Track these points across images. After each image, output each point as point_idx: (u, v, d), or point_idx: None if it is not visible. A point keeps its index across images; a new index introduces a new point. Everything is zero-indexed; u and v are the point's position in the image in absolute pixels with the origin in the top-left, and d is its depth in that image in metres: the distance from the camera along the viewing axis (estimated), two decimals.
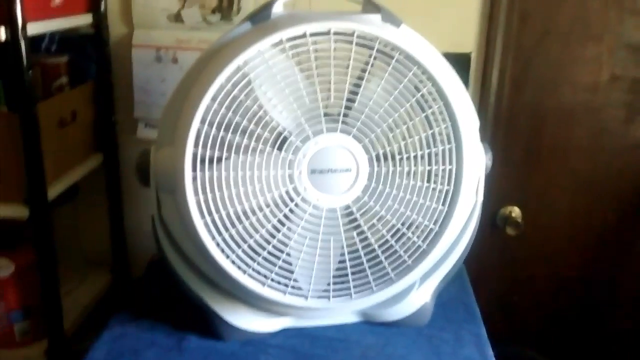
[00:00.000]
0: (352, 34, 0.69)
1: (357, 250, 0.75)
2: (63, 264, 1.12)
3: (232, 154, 0.69)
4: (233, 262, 0.72)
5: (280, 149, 0.71)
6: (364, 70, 0.71)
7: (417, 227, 0.75)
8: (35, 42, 1.15)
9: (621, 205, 1.27)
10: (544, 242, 1.32)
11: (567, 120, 1.23)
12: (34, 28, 0.97)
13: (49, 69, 1.16)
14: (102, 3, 1.20)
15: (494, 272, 1.34)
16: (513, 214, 1.30)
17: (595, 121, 1.23)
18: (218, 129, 0.68)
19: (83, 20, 1.17)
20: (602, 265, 1.32)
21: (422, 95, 0.71)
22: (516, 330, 1.38)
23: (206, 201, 0.69)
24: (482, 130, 0.78)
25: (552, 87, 1.22)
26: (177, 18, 1.22)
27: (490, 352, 0.82)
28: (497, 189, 1.25)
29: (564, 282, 1.34)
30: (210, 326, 0.82)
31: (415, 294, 0.83)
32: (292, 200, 0.72)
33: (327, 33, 0.69)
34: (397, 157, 0.73)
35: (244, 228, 0.71)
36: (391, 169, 0.73)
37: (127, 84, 1.26)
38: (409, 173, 0.73)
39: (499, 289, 1.35)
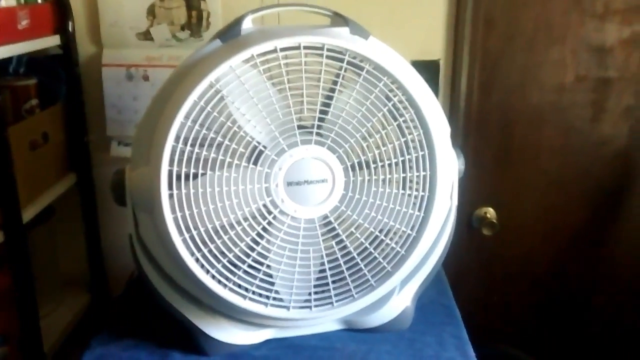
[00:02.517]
0: (322, 48, 0.70)
1: (336, 259, 0.75)
2: (40, 286, 1.11)
3: (208, 170, 0.69)
4: (213, 276, 0.72)
5: (255, 163, 0.71)
6: (335, 83, 0.72)
7: (394, 234, 0.76)
8: (3, 65, 1.14)
9: (592, 201, 1.31)
10: (519, 241, 1.35)
11: (536, 121, 1.26)
12: (1, 52, 0.97)
13: (18, 92, 1.15)
14: (70, 24, 1.19)
15: (472, 273, 1.36)
16: (488, 215, 1.32)
17: (563, 121, 1.26)
18: (193, 145, 0.68)
19: (51, 41, 1.17)
20: (576, 260, 1.35)
21: (394, 105, 0.72)
22: (497, 330, 1.40)
23: (184, 218, 0.69)
24: (454, 135, 0.80)
25: (520, 89, 1.25)
26: (147, 36, 1.22)
27: (472, 353, 0.83)
28: (472, 191, 1.27)
29: (541, 279, 1.37)
30: (193, 342, 0.82)
31: (395, 299, 0.84)
32: (270, 213, 0.72)
33: (298, 47, 0.69)
34: (372, 166, 0.74)
35: (223, 243, 0.71)
36: (367, 177, 0.74)
37: (99, 103, 1.26)
38: (384, 181, 0.74)
39: (478, 290, 1.37)
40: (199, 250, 0.71)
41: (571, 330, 1.40)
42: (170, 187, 0.68)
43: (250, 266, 0.73)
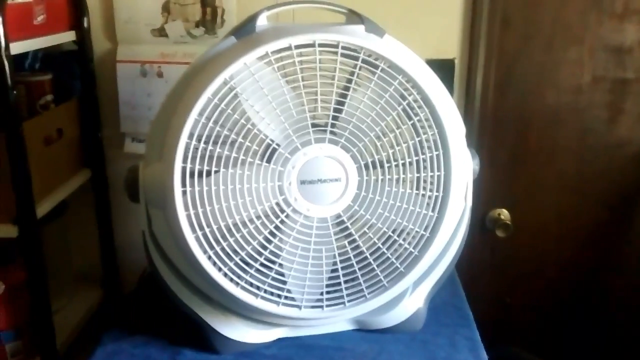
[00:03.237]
0: (336, 45, 0.69)
1: (349, 259, 0.75)
2: (53, 281, 1.11)
3: (222, 168, 0.69)
4: (225, 274, 0.72)
5: (269, 161, 0.71)
6: (349, 81, 0.71)
7: (408, 234, 0.75)
8: (18, 60, 1.15)
9: (607, 204, 1.29)
10: (534, 243, 1.33)
11: (552, 122, 1.25)
12: (17, 47, 0.97)
13: (33, 87, 1.16)
14: (85, 20, 1.20)
15: (485, 274, 1.35)
16: (502, 217, 1.31)
17: (579, 122, 1.24)
18: (206, 143, 0.68)
19: (66, 37, 1.17)
20: (592, 264, 1.33)
21: (408, 104, 0.72)
22: (510, 332, 1.39)
23: (197, 215, 0.69)
24: (469, 135, 0.79)
25: (536, 90, 1.23)
26: (161, 32, 1.22)
27: (484, 356, 0.82)
28: (486, 192, 1.26)
29: (554, 281, 1.36)
30: (204, 339, 0.82)
31: (408, 299, 0.84)
32: (282, 211, 0.72)
33: (312, 45, 0.69)
34: (386, 165, 0.73)
35: (236, 241, 0.71)
36: (380, 177, 0.73)
37: (113, 99, 1.26)
38: (398, 180, 0.74)
39: (491, 292, 1.36)
40: (212, 248, 0.71)
41: (583, 333, 1.38)
42: (183, 184, 0.68)
43: (262, 264, 0.73)
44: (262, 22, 0.76)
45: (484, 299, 1.33)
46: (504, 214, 1.32)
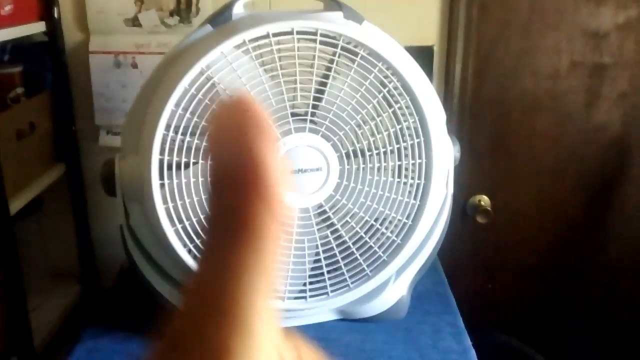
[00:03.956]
0: (315, 33, 0.68)
1: (331, 249, 0.74)
2: (30, 279, 1.09)
3: (200, 159, 0.68)
4: None
5: None
6: (329, 69, 0.70)
7: (390, 222, 0.75)
8: None
9: (586, 187, 1.30)
10: (514, 228, 1.34)
11: (531, 108, 1.25)
12: None
13: (2, 80, 1.12)
14: (55, 10, 1.16)
15: (467, 261, 1.36)
16: (482, 203, 1.32)
17: (558, 107, 1.25)
18: (184, 134, 0.67)
19: (36, 28, 1.14)
20: (571, 247, 1.35)
21: (389, 91, 0.71)
22: (493, 318, 1.40)
23: (176, 208, 0.68)
24: (448, 122, 0.79)
25: (515, 76, 1.23)
26: (135, 22, 1.19)
27: (468, 342, 0.83)
28: (466, 178, 1.26)
29: (536, 267, 1.37)
30: None
31: (391, 288, 0.83)
32: None
33: (290, 32, 0.68)
34: (367, 154, 0.72)
35: None
36: (361, 165, 0.73)
37: (86, 91, 1.23)
38: (379, 169, 0.73)
39: (473, 278, 1.37)
40: (192, 241, 0.69)
41: (566, 317, 1.40)
42: (161, 176, 0.67)
43: None
44: (238, 10, 0.74)
45: (467, 286, 1.34)
46: (484, 200, 1.32)
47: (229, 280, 0.19)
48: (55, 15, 1.17)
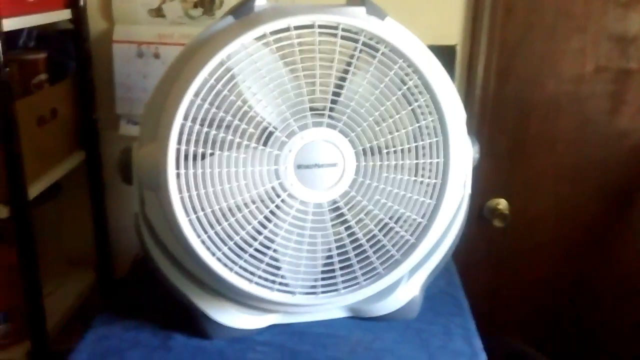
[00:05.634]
0: (336, 27, 0.68)
1: (344, 245, 0.74)
2: (45, 264, 1.10)
3: (217, 150, 0.68)
4: (219, 259, 0.71)
5: (265, 144, 0.69)
6: (349, 64, 0.70)
7: (405, 221, 0.74)
8: (11, 38, 1.12)
9: (606, 196, 1.28)
10: (532, 233, 1.33)
11: (553, 111, 1.24)
12: (10, 24, 0.95)
13: (27, 66, 1.14)
14: None
15: (481, 264, 1.35)
16: (500, 206, 1.30)
17: (580, 112, 1.23)
18: (202, 124, 0.67)
19: (61, 15, 1.15)
20: (588, 255, 1.33)
21: (409, 88, 0.70)
22: (505, 322, 1.38)
23: (191, 198, 0.68)
24: (469, 122, 0.78)
25: (537, 79, 1.22)
26: (158, 13, 1.20)
27: (479, 345, 0.82)
28: (484, 181, 1.25)
29: (552, 273, 1.35)
30: (196, 324, 0.81)
31: (403, 287, 0.83)
32: (278, 196, 0.71)
33: (312, 26, 0.67)
34: (384, 151, 0.72)
35: (230, 225, 0.70)
36: (378, 163, 0.72)
37: (108, 80, 1.24)
38: (396, 167, 0.72)
39: (487, 281, 1.36)
40: (205, 232, 0.69)
41: (579, 325, 1.38)
42: (177, 166, 0.67)
43: (256, 250, 0.71)
44: (260, 2, 0.74)
45: (480, 289, 1.33)
46: (502, 203, 1.31)
47: None
48: (81, 3, 1.18)
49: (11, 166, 0.97)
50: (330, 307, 0.83)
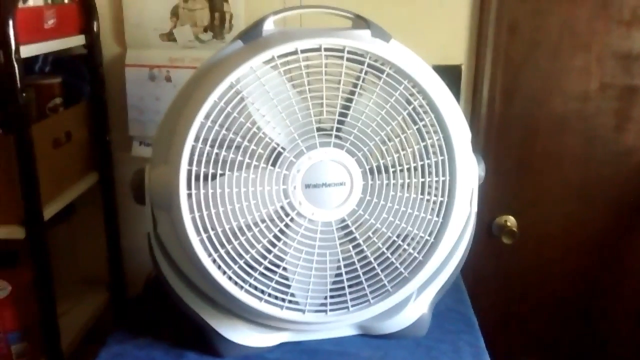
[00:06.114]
0: (342, 50, 0.70)
1: (353, 263, 0.75)
2: (60, 283, 1.12)
3: (227, 171, 0.69)
4: (230, 278, 0.72)
5: (274, 164, 0.71)
6: (355, 85, 0.72)
7: (412, 239, 0.75)
8: (28, 63, 1.16)
9: (614, 212, 1.28)
10: (540, 250, 1.33)
11: (559, 129, 1.24)
12: (28, 50, 0.98)
13: (43, 90, 1.17)
14: (95, 24, 1.21)
15: (491, 281, 1.35)
16: (508, 223, 1.31)
17: (586, 129, 1.24)
18: (212, 146, 0.69)
19: (76, 41, 1.18)
20: (597, 272, 1.33)
21: (414, 108, 0.72)
22: (514, 339, 1.38)
23: (202, 218, 0.69)
24: (475, 141, 0.79)
25: (543, 97, 1.23)
26: (170, 37, 1.23)
27: None
28: (493, 198, 1.25)
29: (561, 289, 1.35)
30: (208, 343, 0.82)
31: (412, 305, 0.83)
32: (287, 215, 0.72)
33: (318, 49, 0.69)
34: (391, 170, 0.73)
35: (240, 244, 0.71)
36: (385, 181, 0.73)
37: (121, 103, 1.27)
38: (403, 185, 0.74)
39: (496, 299, 1.36)
40: (216, 250, 0.71)
41: (589, 343, 1.37)
42: (189, 186, 0.69)
43: (266, 268, 0.73)
44: (269, 26, 0.76)
45: (489, 306, 1.32)
46: (511, 220, 1.31)
47: None
48: (95, 29, 1.21)
49: (27, 188, 0.99)
50: (340, 325, 0.84)
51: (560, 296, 1.35)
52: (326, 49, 0.69)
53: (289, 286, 0.74)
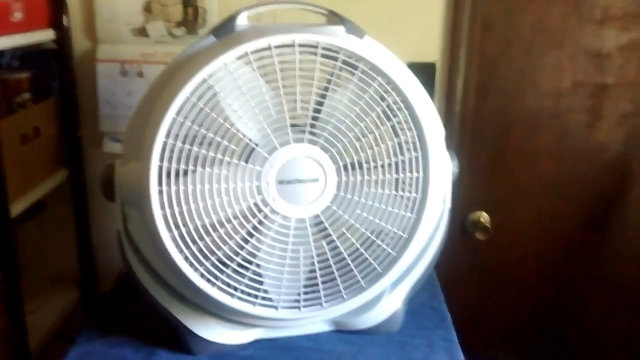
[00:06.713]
0: (316, 46, 0.69)
1: (327, 260, 0.75)
2: (29, 281, 1.10)
3: (199, 167, 0.68)
4: (202, 274, 0.71)
5: (247, 160, 0.70)
6: (329, 81, 0.71)
7: (386, 235, 0.75)
8: None
9: (585, 208, 1.30)
10: (513, 246, 1.34)
11: (532, 126, 1.26)
12: None
13: (10, 85, 1.14)
14: (65, 18, 1.18)
15: (464, 277, 1.36)
16: (482, 219, 1.32)
17: (559, 126, 1.26)
18: (184, 142, 0.68)
19: (45, 35, 1.16)
20: (570, 266, 1.34)
21: (388, 105, 0.72)
22: (488, 334, 1.39)
23: (173, 215, 0.68)
24: (449, 138, 0.79)
25: (516, 94, 1.24)
26: (142, 32, 1.21)
27: (461, 357, 0.82)
28: (466, 195, 1.26)
29: (534, 284, 1.36)
30: (180, 340, 0.81)
31: (386, 301, 0.84)
32: (260, 211, 0.71)
33: (292, 45, 0.69)
34: (365, 167, 0.73)
35: (212, 241, 0.70)
36: (359, 178, 0.73)
37: (92, 98, 1.25)
38: (377, 182, 0.73)
39: (470, 294, 1.37)
40: (188, 247, 0.70)
41: (563, 336, 1.39)
42: (160, 183, 0.68)
43: (239, 265, 0.72)
44: (242, 21, 0.76)
45: (463, 301, 1.34)
46: (484, 216, 1.32)
47: None
48: (65, 23, 1.19)
49: None
50: (314, 321, 0.84)
51: (534, 291, 1.37)
52: (300, 45, 0.69)
53: (261, 282, 0.74)
